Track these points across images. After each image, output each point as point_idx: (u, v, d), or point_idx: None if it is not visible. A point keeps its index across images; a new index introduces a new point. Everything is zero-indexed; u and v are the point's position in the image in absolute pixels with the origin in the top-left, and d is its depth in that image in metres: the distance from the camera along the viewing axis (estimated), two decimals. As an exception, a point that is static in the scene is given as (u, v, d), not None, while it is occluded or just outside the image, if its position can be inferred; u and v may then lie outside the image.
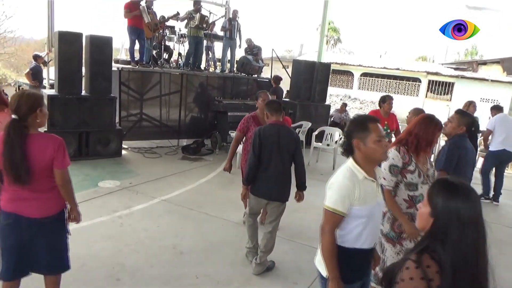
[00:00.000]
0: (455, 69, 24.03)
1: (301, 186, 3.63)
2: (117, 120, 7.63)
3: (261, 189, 3.48)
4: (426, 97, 22.74)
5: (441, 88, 22.59)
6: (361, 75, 24.79)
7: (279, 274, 3.66)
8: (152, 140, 8.41)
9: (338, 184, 2.01)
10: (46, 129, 6.05)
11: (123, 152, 7.48)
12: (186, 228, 4.44)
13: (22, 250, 2.41)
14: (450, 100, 21.52)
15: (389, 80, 23.99)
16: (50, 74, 10.06)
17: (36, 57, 10.05)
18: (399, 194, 2.71)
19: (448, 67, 24.47)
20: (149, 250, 3.84)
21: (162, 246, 3.95)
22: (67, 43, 6.65)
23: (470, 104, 6.39)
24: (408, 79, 23.47)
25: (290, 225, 4.51)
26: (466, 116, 3.43)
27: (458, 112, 3.47)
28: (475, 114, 6.26)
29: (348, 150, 2.10)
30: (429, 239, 1.38)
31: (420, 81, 23.12)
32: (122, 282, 3.27)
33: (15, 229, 2.37)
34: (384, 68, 23.71)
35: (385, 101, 5.66)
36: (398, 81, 23.74)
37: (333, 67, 11.49)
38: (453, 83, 22.16)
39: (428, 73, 22.79)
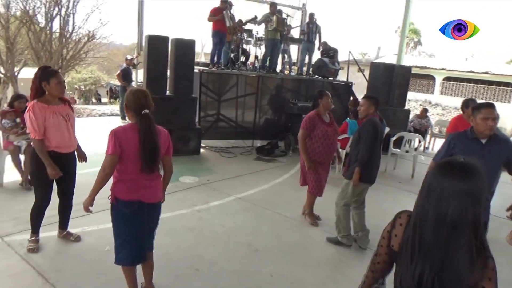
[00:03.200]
0: (555, 72, 21.43)
1: None
2: (196, 119, 8.00)
3: (374, 175, 4.03)
4: (519, 103, 20.60)
5: (537, 94, 20.31)
6: (443, 79, 23.20)
7: (354, 280, 3.55)
8: (228, 140, 8.69)
9: None
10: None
11: (201, 150, 7.82)
12: (260, 226, 4.51)
13: (144, 234, 2.70)
14: (548, 107, 19.26)
15: (476, 85, 22.14)
16: (138, 75, 10.88)
17: (126, 59, 10.98)
18: None
19: (546, 71, 21.91)
20: (225, 245, 3.97)
21: (238, 242, 4.05)
22: (155, 46, 7.13)
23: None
24: (498, 83, 21.44)
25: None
26: None
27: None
28: None
29: None
30: None
31: (512, 86, 21.01)
32: (201, 273, 3.42)
33: (139, 214, 2.65)
34: (471, 72, 21.91)
35: (469, 105, 5.30)
36: (486, 86, 21.80)
37: (412, 70, 10.89)
38: (552, 88, 19.81)
39: (522, 77, 20.61)
